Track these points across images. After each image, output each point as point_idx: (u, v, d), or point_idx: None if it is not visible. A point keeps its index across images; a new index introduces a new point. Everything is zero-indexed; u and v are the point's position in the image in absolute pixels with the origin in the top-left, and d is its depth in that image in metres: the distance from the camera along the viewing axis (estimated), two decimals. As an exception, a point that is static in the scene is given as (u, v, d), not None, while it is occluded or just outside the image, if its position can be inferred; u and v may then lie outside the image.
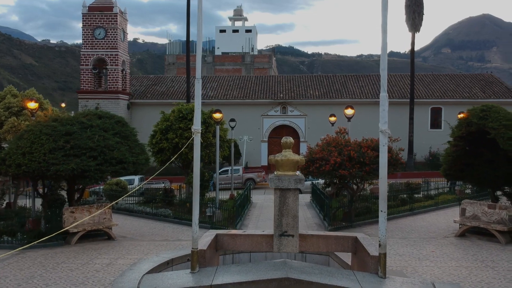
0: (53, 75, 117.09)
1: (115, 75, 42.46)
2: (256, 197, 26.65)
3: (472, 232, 15.00)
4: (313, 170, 16.36)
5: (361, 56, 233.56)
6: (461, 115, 26.48)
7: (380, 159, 8.76)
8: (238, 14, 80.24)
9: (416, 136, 40.40)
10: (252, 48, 71.59)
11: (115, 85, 42.50)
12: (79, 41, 43.78)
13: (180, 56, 63.74)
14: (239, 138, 40.86)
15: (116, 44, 42.34)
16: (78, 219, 14.72)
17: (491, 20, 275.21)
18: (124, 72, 43.93)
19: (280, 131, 43.87)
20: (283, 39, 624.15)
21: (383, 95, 8.52)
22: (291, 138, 8.66)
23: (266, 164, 42.04)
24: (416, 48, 42.30)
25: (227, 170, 32.64)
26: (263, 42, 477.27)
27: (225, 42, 73.59)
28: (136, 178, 31.98)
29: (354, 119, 22.57)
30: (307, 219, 19.16)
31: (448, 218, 18.06)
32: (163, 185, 30.45)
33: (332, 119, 26.06)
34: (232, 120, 26.32)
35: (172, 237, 15.78)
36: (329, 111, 34.15)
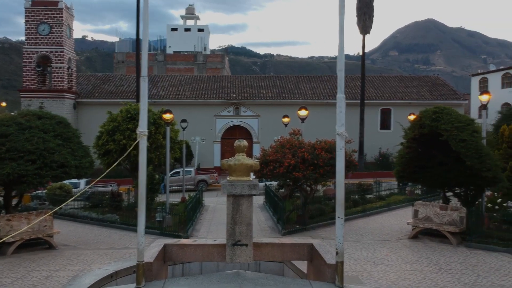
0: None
1: (60, 73, 40.54)
2: (209, 199, 26.04)
3: (424, 233, 15.08)
4: (267, 173, 15.95)
5: (312, 58, 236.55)
6: (412, 117, 27.04)
7: (336, 163, 8.41)
8: (190, 13, 79.01)
9: (366, 137, 40.98)
10: (205, 48, 70.72)
11: (60, 83, 40.58)
12: (25, 37, 41.53)
13: (130, 54, 61.99)
14: (191, 139, 40.06)
15: (62, 40, 40.43)
16: (15, 228, 13.64)
17: (435, 25, 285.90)
18: (70, 70, 42.04)
19: (233, 131, 43.41)
20: (236, 40, 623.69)
21: (340, 96, 8.18)
22: (245, 141, 8.17)
23: (219, 165, 41.41)
24: (366, 50, 42.89)
25: (179, 172, 31.79)
26: (215, 42, 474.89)
27: (177, 41, 72.25)
28: (82, 182, 30.59)
29: (307, 120, 22.41)
30: (260, 222, 18.76)
31: (400, 219, 18.16)
32: (111, 188, 29.25)
33: (286, 120, 25.85)
34: (184, 120, 25.55)
35: (119, 245, 14.94)
36: (282, 112, 34.04)
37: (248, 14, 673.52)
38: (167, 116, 18.19)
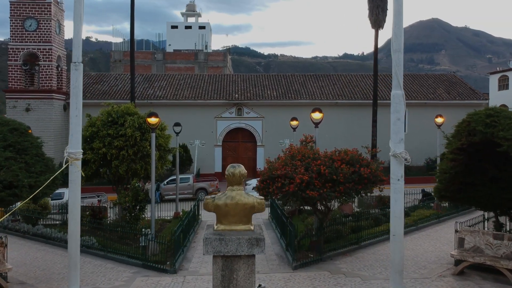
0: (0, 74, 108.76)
1: (49, 72, 37.49)
2: (207, 213, 22.97)
3: (472, 267, 11.99)
4: (274, 191, 12.88)
5: (316, 58, 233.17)
6: (440, 119, 24.03)
7: (391, 202, 5.43)
8: (191, 10, 75.93)
9: (379, 139, 37.73)
10: (206, 46, 67.63)
11: (49, 83, 37.54)
12: (10, 33, 38.74)
13: (127, 52, 58.91)
14: (190, 142, 37.10)
15: (50, 37, 37.39)
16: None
17: (440, 24, 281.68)
18: (59, 69, 38.99)
19: (235, 134, 40.30)
20: (240, 40, 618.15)
21: (398, 93, 5.20)
22: (242, 167, 5.11)
23: (220, 170, 38.41)
24: (372, 48, 39.48)
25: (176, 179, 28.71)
26: (219, 42, 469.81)
27: (177, 39, 69.12)
28: (66, 192, 27.60)
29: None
30: (266, 247, 15.66)
31: (434, 244, 15.09)
32: (98, 199, 26.27)
33: (294, 123, 22.75)
34: (177, 124, 22.38)
35: (88, 283, 11.91)
36: (287, 113, 31.21)
37: (252, 15, 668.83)
38: (152, 120, 15.02)
